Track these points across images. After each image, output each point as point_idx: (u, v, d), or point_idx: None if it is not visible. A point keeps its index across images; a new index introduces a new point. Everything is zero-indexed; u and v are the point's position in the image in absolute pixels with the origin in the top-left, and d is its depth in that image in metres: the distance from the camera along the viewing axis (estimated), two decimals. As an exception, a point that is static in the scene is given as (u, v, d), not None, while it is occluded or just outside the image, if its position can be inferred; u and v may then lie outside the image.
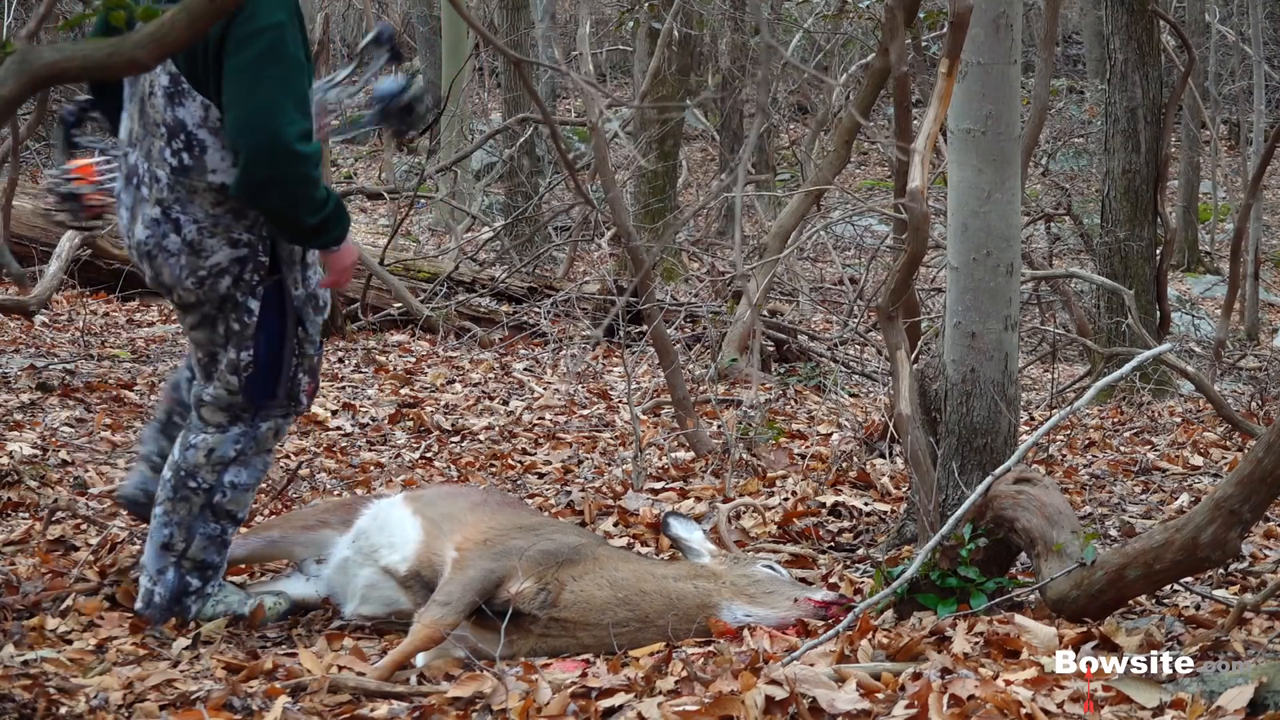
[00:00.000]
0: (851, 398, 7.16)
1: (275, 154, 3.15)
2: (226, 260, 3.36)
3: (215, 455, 3.47)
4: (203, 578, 3.50)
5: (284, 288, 3.42)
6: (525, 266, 9.60)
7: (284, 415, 3.53)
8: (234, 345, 3.43)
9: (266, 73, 3.16)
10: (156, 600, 3.49)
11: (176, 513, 3.48)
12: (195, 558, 3.49)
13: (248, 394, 3.45)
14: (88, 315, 7.58)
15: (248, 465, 3.50)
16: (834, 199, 10.92)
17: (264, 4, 3.16)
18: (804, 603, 3.34)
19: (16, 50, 2.07)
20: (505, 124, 10.37)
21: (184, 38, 2.07)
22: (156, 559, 3.50)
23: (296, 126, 3.16)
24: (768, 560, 3.54)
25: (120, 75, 3.01)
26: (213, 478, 3.47)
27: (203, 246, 3.35)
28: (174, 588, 3.48)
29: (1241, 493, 2.95)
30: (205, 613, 3.50)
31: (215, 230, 3.34)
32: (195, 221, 3.34)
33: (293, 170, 3.17)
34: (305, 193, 3.20)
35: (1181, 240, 13.89)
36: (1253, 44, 14.04)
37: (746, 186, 8.94)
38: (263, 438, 3.51)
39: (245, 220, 3.35)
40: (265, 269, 3.39)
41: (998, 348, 3.80)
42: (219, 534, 3.51)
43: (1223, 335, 8.89)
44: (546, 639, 3.31)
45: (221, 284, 3.37)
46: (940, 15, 8.76)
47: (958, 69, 3.56)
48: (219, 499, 3.48)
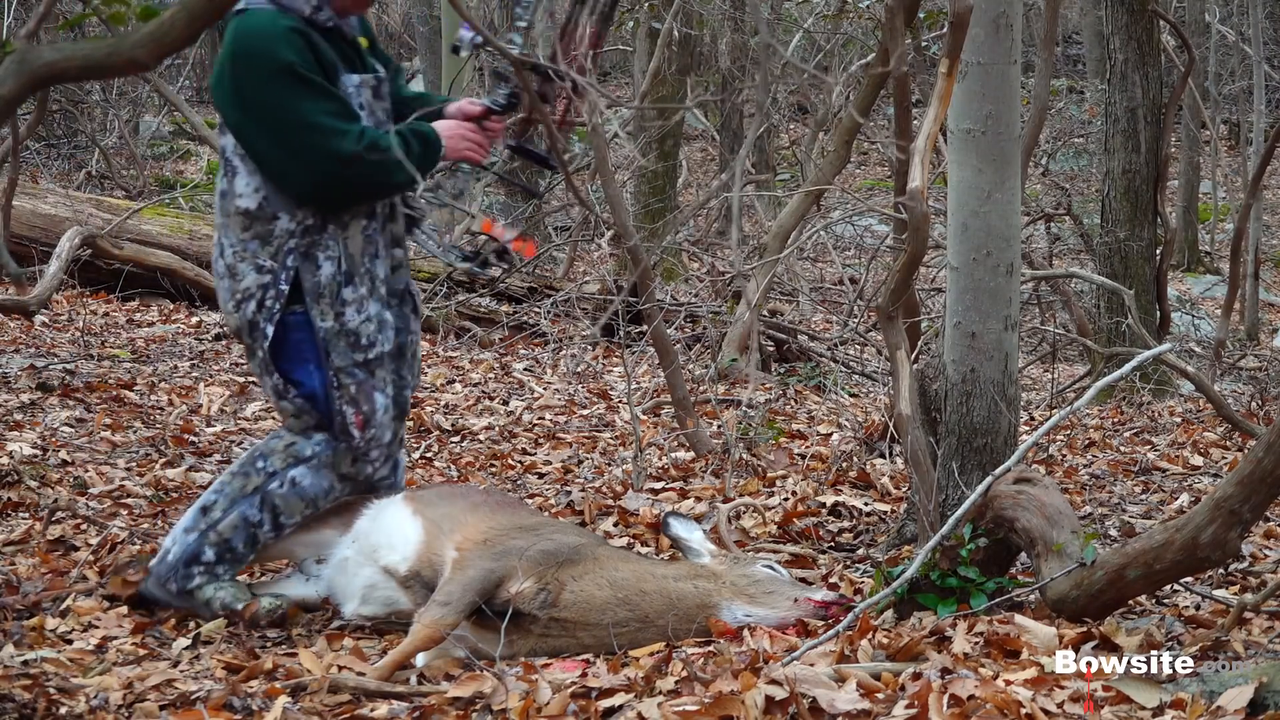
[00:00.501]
0: (851, 398, 7.16)
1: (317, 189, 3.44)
2: (254, 286, 3.48)
3: (293, 449, 3.58)
4: (219, 556, 3.53)
5: (309, 320, 3.51)
6: (525, 266, 9.60)
7: (346, 446, 3.59)
8: (264, 371, 3.55)
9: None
10: (170, 559, 3.53)
11: (231, 485, 3.57)
12: (223, 534, 3.54)
13: (313, 413, 3.56)
14: (88, 315, 7.58)
15: (316, 473, 3.57)
16: (834, 199, 10.92)
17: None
18: (804, 603, 3.34)
19: (16, 50, 2.07)
20: (505, 124, 10.34)
21: (183, 38, 2.07)
22: (189, 519, 3.57)
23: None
24: (768, 560, 3.54)
25: (119, 75, 3.01)
26: (280, 465, 3.56)
27: (236, 271, 3.49)
28: (190, 551, 3.52)
29: (1241, 493, 2.95)
30: (204, 594, 3.51)
31: (244, 255, 3.48)
32: (231, 245, 3.50)
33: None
34: (381, 180, 3.41)
35: (1181, 240, 13.88)
36: (1253, 44, 14.04)
37: (746, 186, 8.94)
38: (339, 457, 3.59)
39: (269, 248, 3.46)
40: (284, 298, 3.48)
41: (998, 348, 3.80)
42: (255, 523, 3.55)
43: (1223, 335, 8.89)
44: (546, 639, 3.31)
45: (248, 309, 3.49)
46: (940, 15, 8.75)
47: (958, 69, 3.56)
48: (274, 487, 3.55)
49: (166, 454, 5.17)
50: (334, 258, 3.51)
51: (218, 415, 5.91)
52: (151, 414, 5.78)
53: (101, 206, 9.04)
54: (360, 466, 3.63)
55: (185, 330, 7.97)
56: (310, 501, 3.60)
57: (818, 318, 10.19)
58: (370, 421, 3.59)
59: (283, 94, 3.33)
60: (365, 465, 3.63)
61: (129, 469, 4.95)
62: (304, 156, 3.35)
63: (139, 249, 8.13)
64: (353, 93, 3.48)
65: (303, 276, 3.48)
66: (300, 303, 3.49)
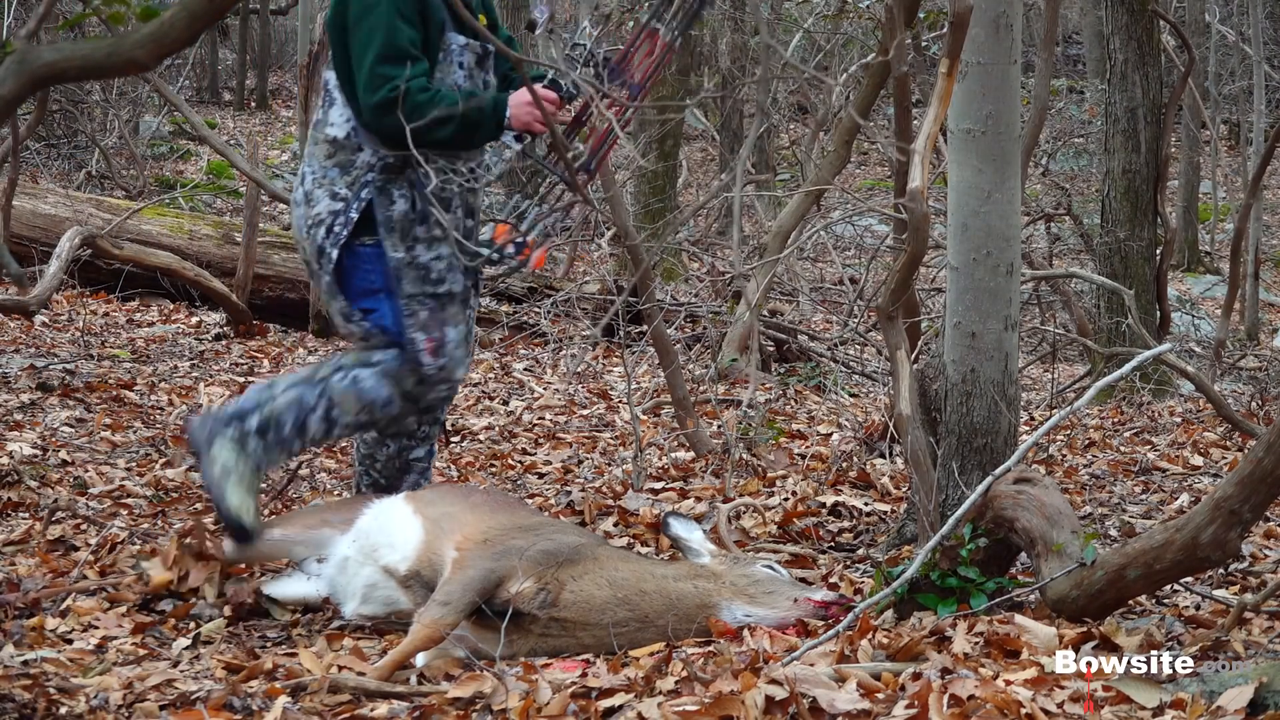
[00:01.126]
0: (851, 398, 7.16)
1: (371, 113, 3.53)
2: (325, 212, 3.63)
3: (362, 355, 3.69)
4: (261, 426, 3.61)
5: (381, 249, 3.64)
6: (524, 271, 9.58)
7: (412, 368, 3.67)
8: (331, 295, 3.69)
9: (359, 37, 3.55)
10: (223, 410, 3.66)
11: (299, 374, 3.69)
12: (276, 408, 3.63)
13: (382, 337, 3.67)
14: (88, 315, 7.59)
15: (378, 379, 3.65)
16: (834, 199, 10.92)
17: None
18: (804, 603, 3.34)
19: (16, 50, 2.07)
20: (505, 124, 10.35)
21: (183, 37, 2.07)
22: (254, 389, 3.69)
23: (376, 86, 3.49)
24: (768, 560, 3.54)
25: (119, 75, 3.02)
26: (349, 362, 3.67)
27: (312, 197, 3.65)
28: (240, 409, 3.63)
29: (1241, 493, 2.95)
30: (222, 454, 3.58)
31: (323, 182, 3.64)
32: (312, 173, 3.67)
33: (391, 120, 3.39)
34: (422, 127, 3.38)
35: (1181, 240, 13.88)
36: (1253, 44, 14.03)
37: (746, 186, 8.94)
38: (404, 372, 3.66)
39: (347, 177, 3.62)
40: (352, 226, 3.61)
41: (998, 348, 3.79)
42: (309, 408, 3.63)
43: (1223, 335, 8.89)
44: (546, 639, 3.31)
45: (318, 234, 3.64)
46: (940, 15, 8.75)
47: (958, 69, 3.56)
48: (336, 379, 3.64)
49: (166, 454, 5.17)
50: (408, 197, 3.64)
51: (218, 415, 5.90)
52: (151, 414, 5.78)
53: (101, 206, 9.05)
54: (423, 390, 3.71)
55: (185, 330, 7.98)
56: (367, 406, 3.65)
57: (818, 318, 10.19)
58: (441, 349, 3.68)
59: (377, 19, 3.53)
60: (429, 390, 3.71)
61: (129, 469, 4.95)
62: (371, 81, 3.52)
63: (139, 249, 8.13)
64: (455, 50, 3.65)
65: (376, 209, 3.62)
66: (373, 234, 3.63)
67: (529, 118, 3.65)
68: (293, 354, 7.47)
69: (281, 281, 8.60)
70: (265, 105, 20.55)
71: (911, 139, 3.76)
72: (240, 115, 19.77)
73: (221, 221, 9.44)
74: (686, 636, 3.31)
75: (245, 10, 20.56)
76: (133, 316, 8.21)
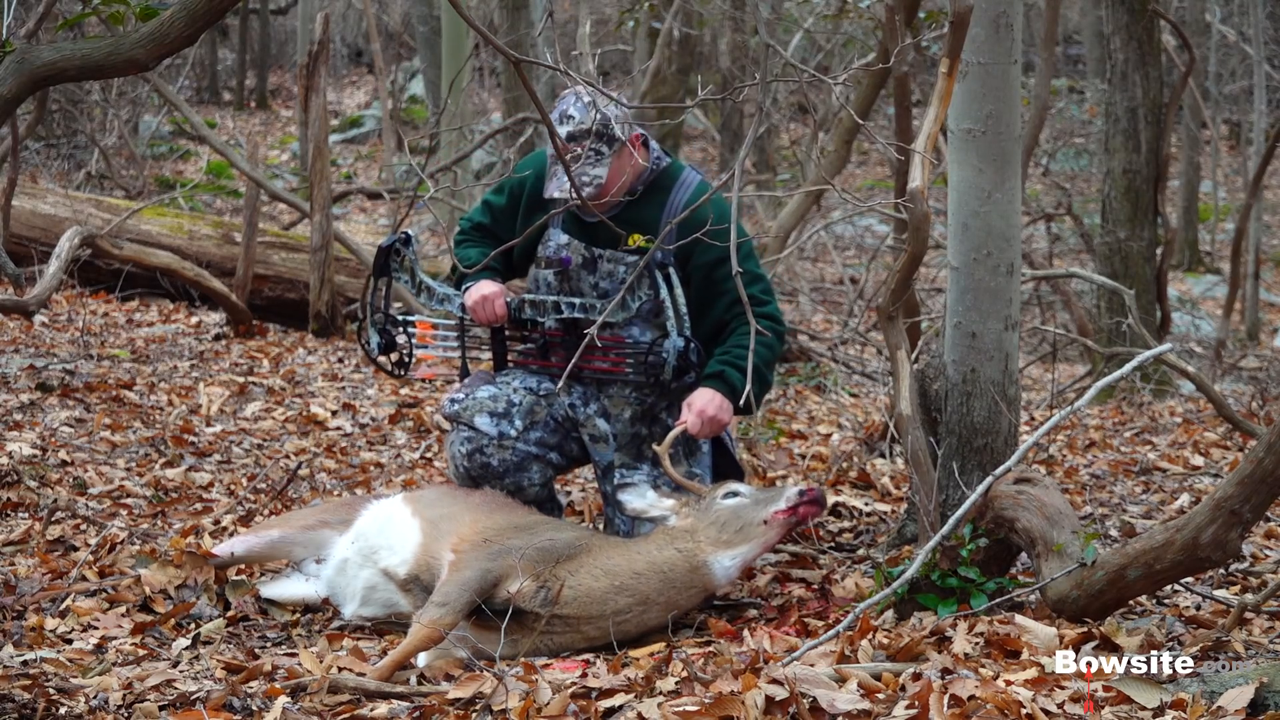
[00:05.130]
0: (851, 398, 7.16)
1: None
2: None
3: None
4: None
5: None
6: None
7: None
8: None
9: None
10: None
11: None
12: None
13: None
14: (88, 315, 7.58)
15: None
16: (834, 199, 10.92)
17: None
18: (775, 519, 3.45)
19: (16, 50, 2.07)
20: (505, 124, 10.36)
21: (183, 38, 2.07)
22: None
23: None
24: (726, 489, 3.57)
25: (119, 75, 3.02)
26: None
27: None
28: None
29: (1242, 493, 2.95)
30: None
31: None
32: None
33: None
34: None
35: (1182, 240, 13.88)
36: (1253, 44, 14.03)
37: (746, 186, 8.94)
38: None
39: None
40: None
41: (998, 348, 3.79)
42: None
43: (1223, 335, 8.89)
44: (550, 635, 3.33)
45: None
46: (940, 15, 8.76)
47: (958, 69, 3.55)
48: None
49: (166, 454, 5.17)
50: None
51: (217, 415, 5.90)
52: (151, 414, 5.78)
53: (101, 206, 9.04)
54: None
55: (185, 330, 7.97)
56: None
57: (818, 318, 10.19)
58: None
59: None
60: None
61: (129, 469, 4.95)
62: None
63: (139, 249, 8.12)
64: (552, 243, 3.95)
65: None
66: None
67: (478, 309, 3.92)
68: (292, 354, 7.47)
69: (281, 281, 8.60)
70: (265, 105, 20.57)
71: (911, 139, 3.76)
72: (240, 115, 19.79)
73: (221, 221, 9.44)
74: (689, 605, 3.41)
75: (245, 10, 20.56)
76: (132, 316, 8.20)
